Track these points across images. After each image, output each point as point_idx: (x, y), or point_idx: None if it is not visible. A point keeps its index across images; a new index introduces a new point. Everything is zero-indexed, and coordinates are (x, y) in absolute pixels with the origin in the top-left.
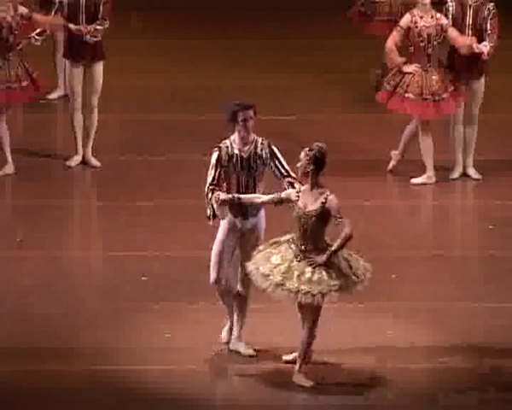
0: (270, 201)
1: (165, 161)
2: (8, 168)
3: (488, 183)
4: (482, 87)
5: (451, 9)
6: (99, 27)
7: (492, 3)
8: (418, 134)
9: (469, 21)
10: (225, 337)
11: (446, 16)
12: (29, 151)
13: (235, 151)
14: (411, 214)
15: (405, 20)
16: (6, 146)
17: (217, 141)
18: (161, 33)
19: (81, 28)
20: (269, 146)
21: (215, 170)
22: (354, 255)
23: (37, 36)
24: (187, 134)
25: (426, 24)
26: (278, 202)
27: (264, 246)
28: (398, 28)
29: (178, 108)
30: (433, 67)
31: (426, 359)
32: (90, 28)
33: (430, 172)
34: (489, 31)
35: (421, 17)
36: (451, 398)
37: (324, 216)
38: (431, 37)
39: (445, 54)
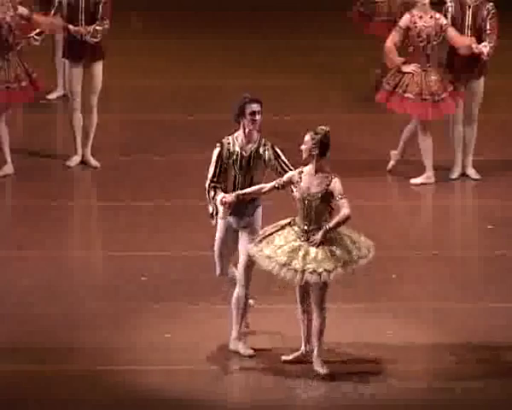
0: (272, 188)
1: (165, 161)
2: (7, 168)
3: (488, 183)
4: (481, 87)
5: (451, 10)
6: (98, 28)
7: (492, 3)
8: (417, 134)
9: (469, 22)
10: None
11: (446, 16)
12: (29, 151)
13: (236, 149)
14: (411, 214)
15: (405, 21)
16: (5, 146)
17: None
18: (161, 33)
19: (80, 29)
20: (272, 147)
21: (215, 166)
22: (356, 233)
23: (36, 36)
24: (187, 134)
25: (425, 24)
26: (281, 187)
27: (264, 230)
28: (397, 28)
29: (178, 108)
30: (433, 68)
31: (426, 359)
32: (90, 29)
33: (429, 172)
34: (488, 31)
35: (420, 17)
36: (452, 398)
37: (328, 198)
38: (430, 37)
39: (445, 54)
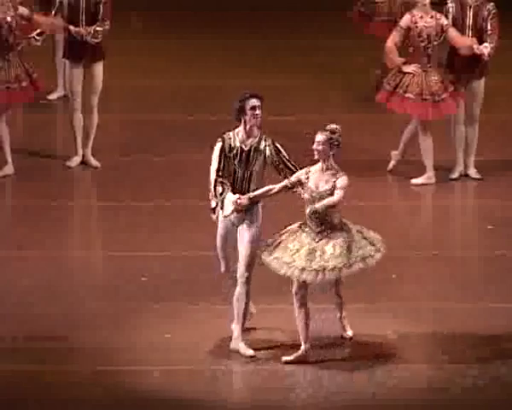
0: (281, 188)
1: (165, 161)
2: (7, 169)
3: (488, 183)
4: (482, 87)
5: (451, 10)
6: (99, 29)
7: (492, 4)
8: (418, 134)
9: (469, 22)
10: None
11: (446, 17)
12: (29, 152)
13: (236, 143)
14: (411, 214)
15: (405, 21)
16: (6, 147)
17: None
18: (161, 33)
19: (81, 30)
20: (273, 143)
21: (219, 160)
22: (365, 229)
23: (37, 36)
24: (187, 134)
25: (426, 24)
26: (290, 188)
27: (274, 237)
28: (397, 28)
29: (178, 108)
30: (433, 68)
31: (426, 359)
32: (90, 30)
33: (430, 172)
34: (489, 31)
35: (421, 17)
36: (451, 398)
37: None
38: (431, 37)
39: (445, 54)
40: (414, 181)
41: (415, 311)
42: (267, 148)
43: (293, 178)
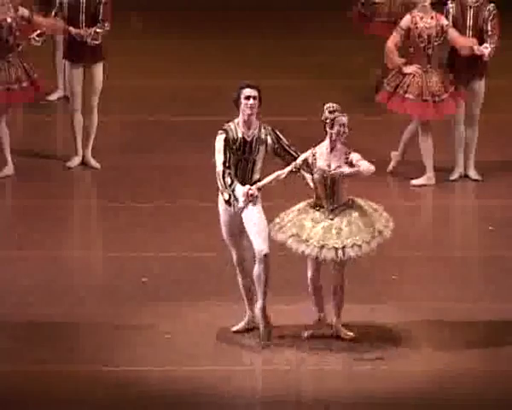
0: (289, 172)
1: (165, 162)
2: (7, 169)
3: (488, 183)
4: (483, 88)
5: (452, 10)
6: (99, 30)
7: (493, 4)
8: (418, 135)
9: (470, 22)
10: (241, 327)
11: (447, 17)
12: (29, 152)
13: (239, 135)
14: (411, 215)
15: (405, 21)
16: (6, 147)
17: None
18: (161, 34)
19: (81, 32)
20: (273, 131)
21: (224, 152)
22: (368, 200)
23: (37, 37)
24: (187, 135)
25: (426, 25)
26: (297, 170)
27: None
28: (398, 29)
29: (179, 109)
30: (434, 68)
31: (426, 360)
32: (91, 31)
33: (430, 173)
34: (489, 32)
35: (421, 18)
36: (452, 399)
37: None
38: (431, 37)
39: (446, 55)
40: (414, 182)
41: (415, 311)
42: (268, 136)
43: (299, 160)
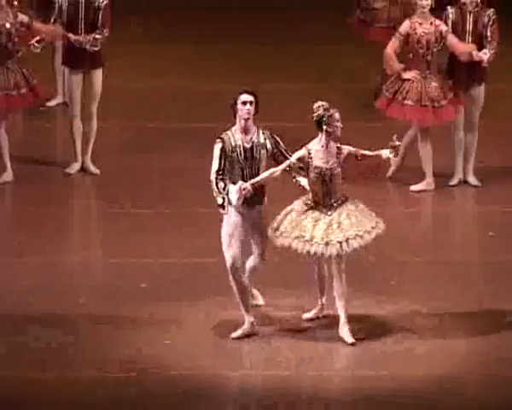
0: (283, 170)
1: (164, 167)
2: (6, 176)
3: (488, 189)
4: (482, 93)
5: (451, 16)
6: (98, 37)
7: (492, 10)
8: (417, 141)
9: (469, 28)
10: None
11: (446, 23)
12: (28, 158)
13: (237, 142)
14: (411, 221)
15: (404, 27)
16: (5, 153)
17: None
18: (161, 38)
19: (80, 38)
20: (271, 135)
21: (220, 160)
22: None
23: (36, 43)
24: (187, 139)
25: (425, 30)
26: (291, 168)
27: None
28: (397, 35)
29: (178, 113)
30: (433, 74)
31: (426, 362)
32: (90, 38)
33: (429, 178)
34: (489, 37)
35: (420, 24)
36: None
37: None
38: (430, 43)
39: (445, 60)
40: (413, 187)
41: (414, 315)
42: (267, 141)
43: (293, 159)
